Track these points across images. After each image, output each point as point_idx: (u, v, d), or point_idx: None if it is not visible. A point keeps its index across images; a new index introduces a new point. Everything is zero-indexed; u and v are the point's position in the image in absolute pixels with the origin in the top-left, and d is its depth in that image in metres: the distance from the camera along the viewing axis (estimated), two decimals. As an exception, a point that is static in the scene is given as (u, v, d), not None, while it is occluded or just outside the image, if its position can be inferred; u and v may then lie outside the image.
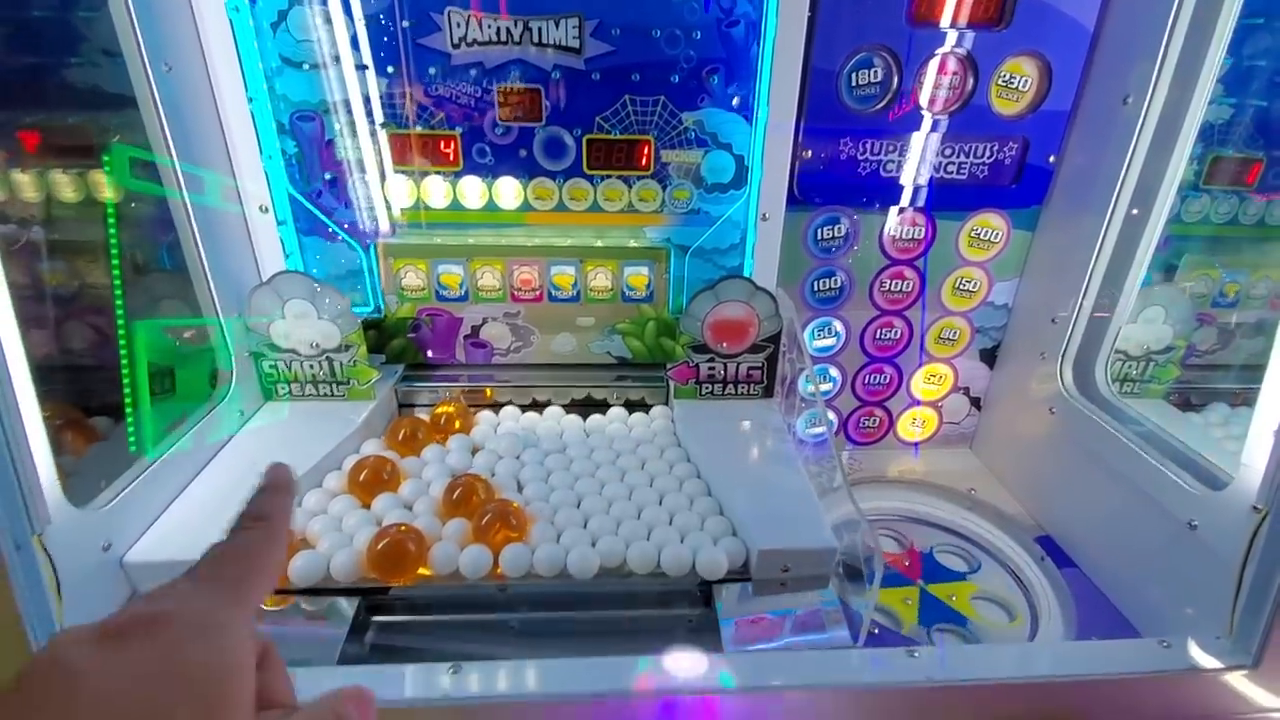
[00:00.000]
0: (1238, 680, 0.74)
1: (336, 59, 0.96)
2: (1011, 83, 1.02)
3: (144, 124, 0.86)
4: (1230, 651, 0.74)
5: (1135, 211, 0.99)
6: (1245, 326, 1.24)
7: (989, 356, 1.26)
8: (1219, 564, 0.77)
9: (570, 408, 1.14)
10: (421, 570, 0.80)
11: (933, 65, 1.01)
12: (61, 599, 0.62)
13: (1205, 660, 0.74)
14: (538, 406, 1.15)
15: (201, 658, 0.26)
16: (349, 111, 0.99)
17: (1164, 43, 0.91)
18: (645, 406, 1.16)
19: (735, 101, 1.01)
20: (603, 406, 1.15)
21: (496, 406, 1.14)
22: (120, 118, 0.87)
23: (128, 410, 0.84)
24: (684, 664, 0.71)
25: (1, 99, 0.86)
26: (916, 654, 0.73)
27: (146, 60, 0.82)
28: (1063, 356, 1.09)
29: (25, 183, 0.92)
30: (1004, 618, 0.98)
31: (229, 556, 0.31)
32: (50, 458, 0.65)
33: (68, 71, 0.88)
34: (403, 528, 0.80)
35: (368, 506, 0.88)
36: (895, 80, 1.01)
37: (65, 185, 0.93)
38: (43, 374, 0.65)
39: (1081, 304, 1.05)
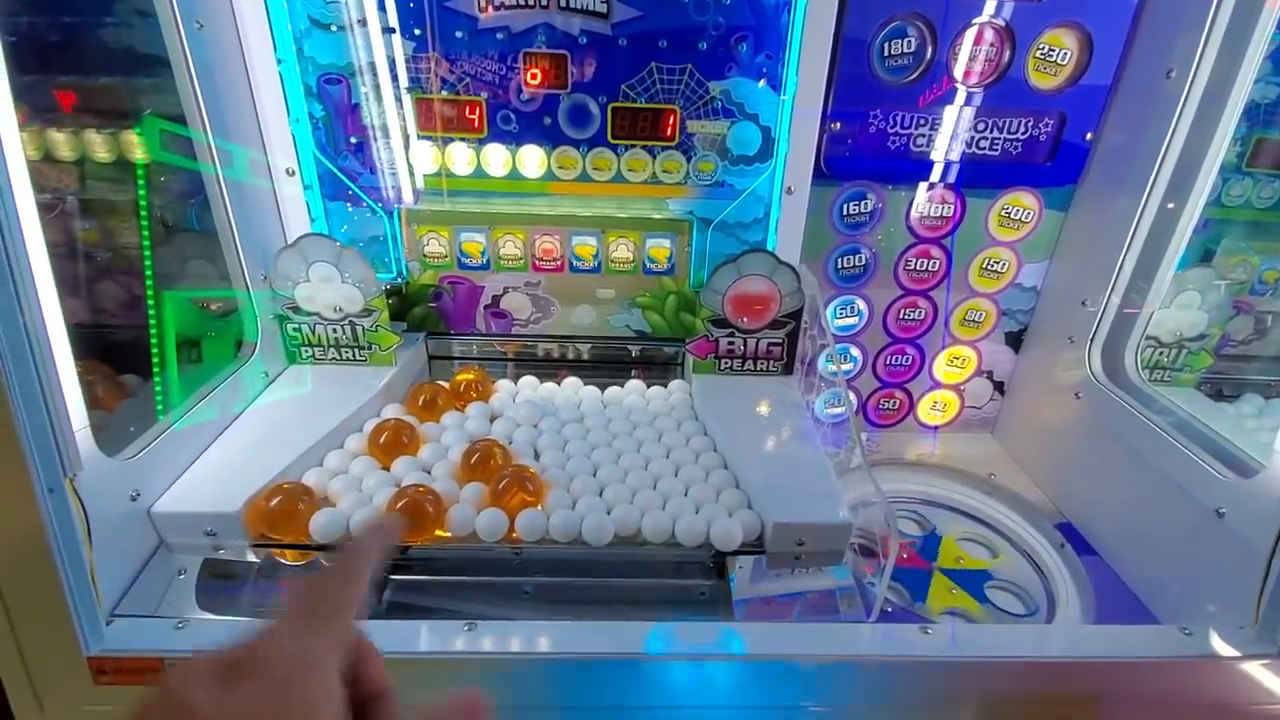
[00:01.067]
0: (1259, 670, 0.73)
1: (363, 21, 0.96)
2: (1050, 55, 0.99)
3: (175, 85, 0.87)
4: (1254, 641, 0.73)
5: (1173, 194, 0.96)
6: (1280, 316, 1.21)
7: (1014, 340, 1.24)
8: (1246, 552, 0.75)
9: (588, 379, 1.14)
10: (439, 531, 0.81)
11: (969, 35, 0.98)
12: (92, 544, 0.64)
13: (1227, 649, 0.73)
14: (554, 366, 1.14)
15: (305, 694, 0.29)
16: (375, 75, 0.99)
17: (1211, 14, 0.88)
18: (664, 380, 1.15)
19: (763, 71, 0.99)
20: (621, 378, 1.15)
21: (517, 372, 1.14)
22: (153, 78, 0.88)
23: (155, 374, 0.86)
24: (695, 630, 0.72)
25: (39, 59, 0.88)
26: (930, 630, 0.73)
27: (179, 17, 0.82)
28: (1091, 341, 1.06)
29: (61, 142, 0.94)
30: (1020, 607, 0.97)
31: (320, 595, 0.34)
32: (83, 407, 0.66)
33: (103, 32, 0.89)
34: (421, 489, 0.81)
35: (387, 468, 0.89)
36: (929, 51, 0.98)
37: (99, 145, 0.94)
38: (76, 330, 0.67)
39: (1114, 288, 1.03)
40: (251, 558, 0.80)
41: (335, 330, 1.04)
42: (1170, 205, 0.98)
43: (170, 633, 0.67)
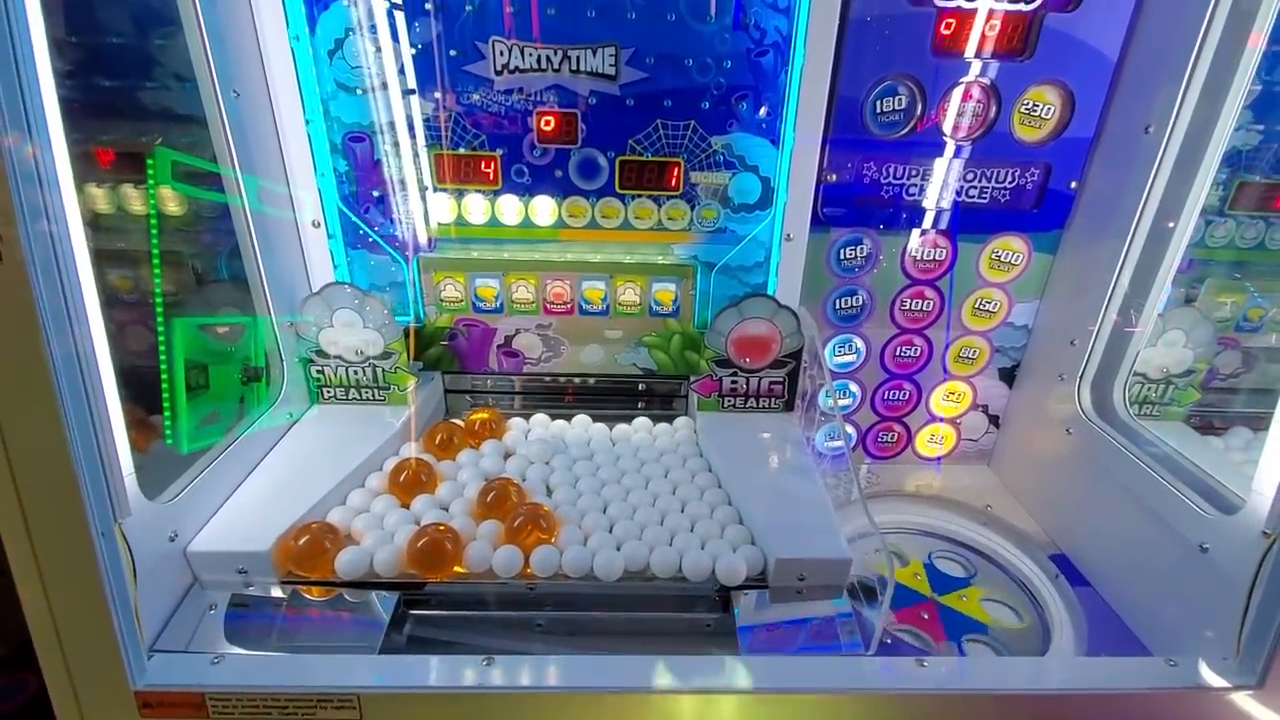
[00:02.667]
0: (1243, 700, 0.76)
1: (385, 85, 1.02)
2: (1035, 110, 1.05)
3: (211, 143, 0.93)
4: (1236, 672, 0.76)
5: (1155, 238, 1.01)
6: (1270, 351, 1.25)
7: (1008, 376, 1.28)
8: (1228, 586, 0.79)
9: (597, 416, 1.19)
10: (457, 568, 0.85)
11: (956, 93, 1.04)
12: (137, 583, 0.69)
13: (1211, 680, 0.77)
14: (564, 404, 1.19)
15: None
16: (395, 133, 1.05)
17: (1187, 73, 0.93)
18: (669, 417, 1.20)
19: (763, 127, 1.06)
20: (629, 415, 1.20)
21: (528, 408, 1.19)
22: (189, 136, 0.95)
23: (166, 411, 0.90)
24: (701, 665, 0.75)
25: (83, 118, 0.94)
26: (925, 663, 0.77)
27: (218, 86, 0.89)
28: (1081, 378, 1.11)
29: (100, 196, 1.00)
30: (1014, 618, 1.00)
31: None
32: (129, 453, 0.71)
33: (142, 94, 0.95)
34: (441, 528, 0.86)
35: (407, 506, 0.94)
36: (919, 107, 1.04)
37: (134, 199, 1.00)
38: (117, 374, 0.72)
39: (1100, 327, 1.07)
40: (278, 594, 0.84)
41: (356, 372, 1.09)
42: (1153, 248, 1.02)
43: (207, 668, 0.71)
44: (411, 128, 1.05)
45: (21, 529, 0.61)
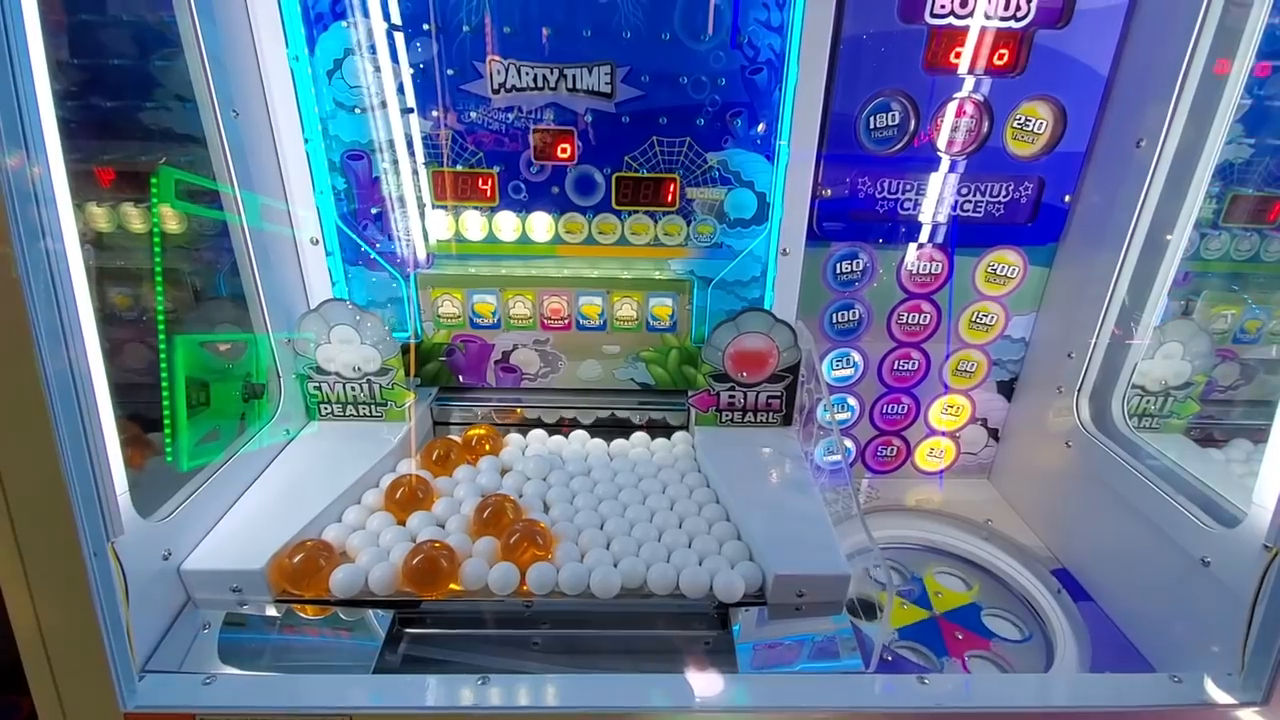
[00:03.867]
0: (1249, 717, 0.75)
1: (384, 103, 1.03)
2: (1027, 125, 1.06)
3: (210, 162, 0.94)
4: (1241, 688, 0.75)
5: (1149, 251, 1.02)
6: (1269, 363, 1.25)
7: (1006, 389, 1.28)
8: (1231, 601, 0.78)
9: (595, 431, 1.19)
10: (453, 585, 0.84)
11: (950, 109, 1.05)
12: (129, 603, 0.68)
13: (1216, 696, 0.76)
14: (564, 425, 1.19)
15: None
16: (394, 151, 1.06)
17: (1177, 88, 0.94)
18: (667, 431, 1.20)
19: (758, 143, 1.06)
20: (626, 430, 1.20)
21: (525, 429, 1.19)
22: (188, 155, 0.95)
23: (166, 429, 0.90)
24: (700, 684, 0.74)
25: (83, 138, 0.95)
26: (927, 681, 0.76)
27: (217, 107, 0.90)
28: (1079, 391, 1.10)
29: (100, 215, 1.01)
30: (1016, 632, 0.99)
31: None
32: (123, 472, 0.71)
33: (142, 114, 0.96)
34: (436, 544, 0.85)
35: (403, 523, 0.93)
36: (912, 123, 1.05)
37: (134, 217, 1.01)
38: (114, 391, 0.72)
39: (1097, 340, 1.07)
40: (272, 612, 0.83)
41: (353, 388, 1.09)
42: (1148, 260, 1.03)
43: (198, 689, 0.70)
44: (410, 146, 1.06)
45: (12, 548, 0.61)
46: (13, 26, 0.55)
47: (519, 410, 1.21)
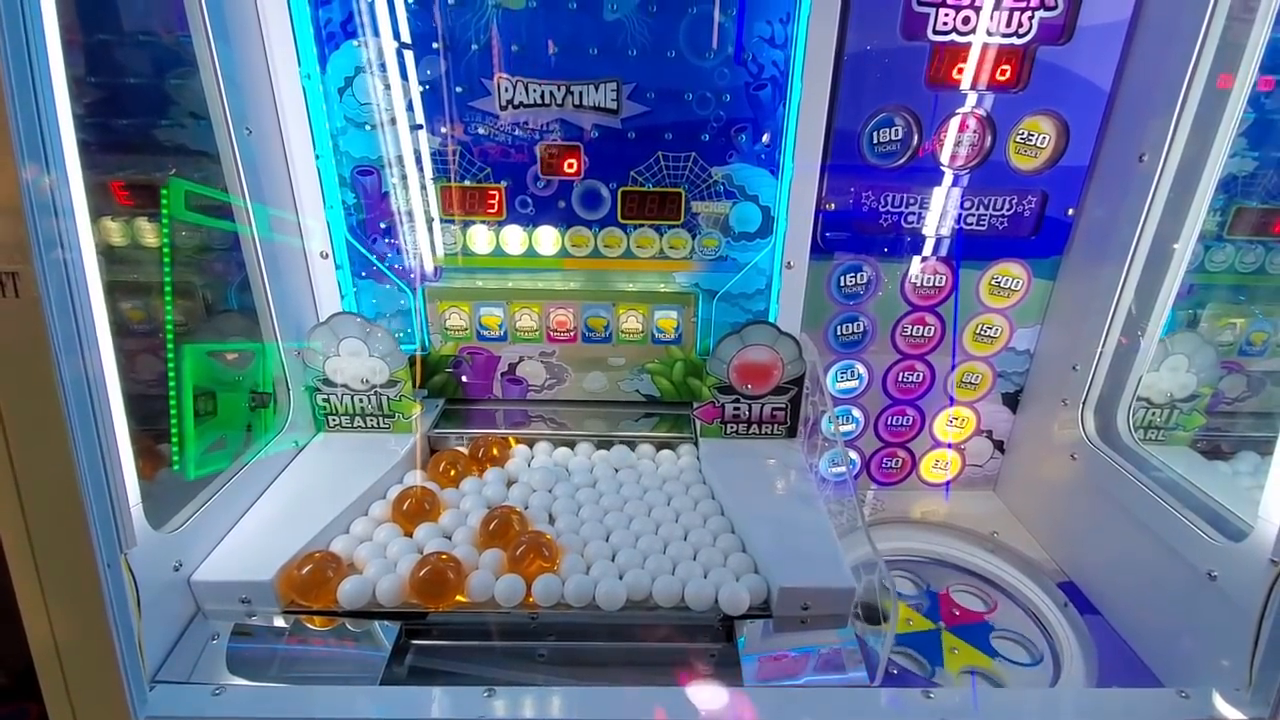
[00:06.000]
0: (1257, 733, 0.74)
1: (394, 120, 1.05)
2: (1030, 140, 1.06)
3: (223, 177, 0.96)
4: (1249, 703, 0.75)
5: (1153, 264, 1.02)
6: (1275, 375, 1.24)
7: (1011, 401, 1.28)
8: (1239, 615, 0.78)
9: (600, 443, 1.19)
10: (459, 597, 0.85)
11: (953, 124, 1.05)
12: (140, 614, 0.69)
13: (1225, 712, 0.75)
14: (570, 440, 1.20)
15: None
16: (403, 166, 1.08)
17: (1179, 102, 0.95)
18: (672, 444, 1.20)
19: (761, 158, 1.08)
20: (632, 442, 1.20)
21: (531, 441, 1.20)
22: (202, 171, 0.97)
23: (174, 437, 0.91)
24: (705, 696, 0.75)
25: (100, 153, 0.96)
26: (932, 695, 0.76)
27: (231, 124, 0.91)
28: (1084, 403, 1.10)
29: (115, 229, 1.02)
30: (1025, 655, 0.99)
31: None
32: (136, 483, 0.72)
33: (157, 131, 0.98)
34: (443, 556, 0.86)
35: (410, 535, 0.94)
36: (915, 138, 1.06)
37: (148, 232, 1.02)
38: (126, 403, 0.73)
39: (1102, 352, 1.07)
40: (280, 623, 0.84)
41: (362, 400, 1.10)
42: (1151, 273, 1.03)
43: (208, 699, 0.71)
44: (419, 161, 1.08)
45: (29, 559, 0.62)
46: (34, 46, 0.56)
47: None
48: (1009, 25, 0.99)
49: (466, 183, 1.09)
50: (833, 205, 1.10)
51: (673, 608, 0.85)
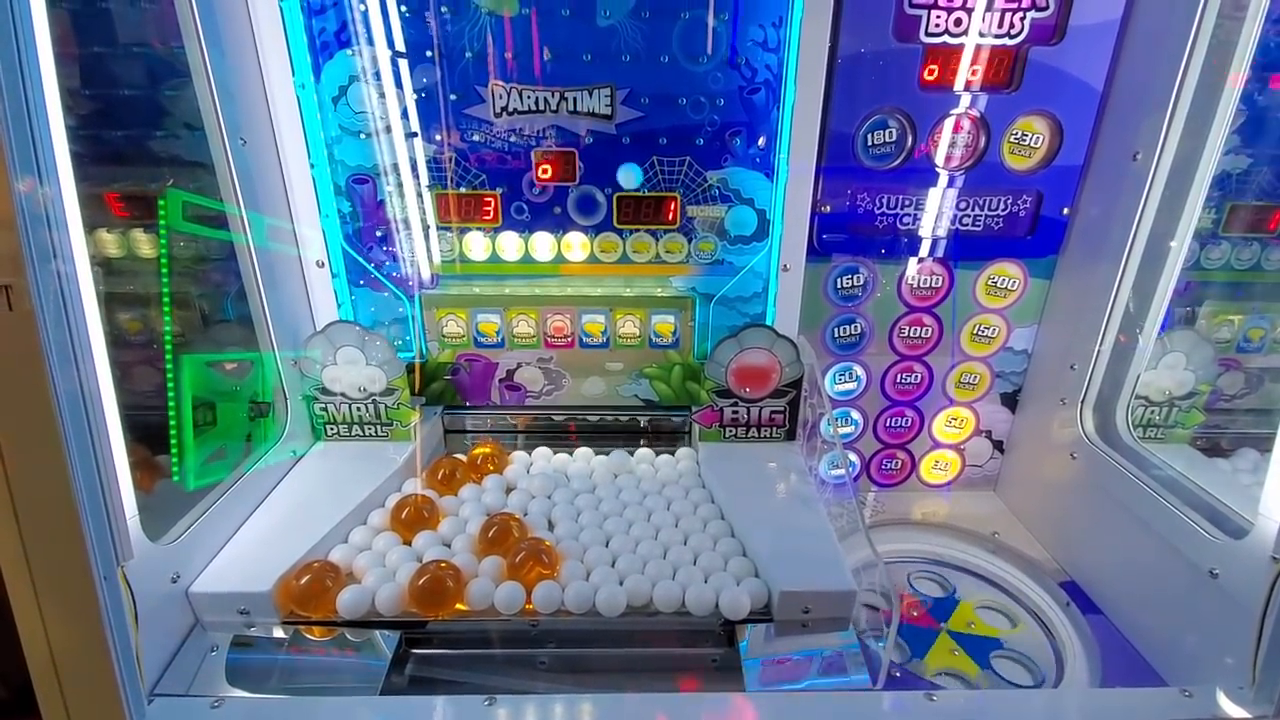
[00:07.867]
0: (1261, 731, 0.74)
1: (389, 128, 1.05)
2: (1024, 140, 1.07)
3: (218, 188, 0.96)
4: (1253, 701, 0.75)
5: (1149, 262, 1.02)
6: (1274, 371, 1.24)
7: (1010, 400, 1.28)
8: (1240, 613, 0.77)
9: (599, 447, 1.19)
10: (459, 605, 0.84)
11: (947, 125, 1.06)
12: (138, 627, 0.69)
13: (1229, 710, 0.75)
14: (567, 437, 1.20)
15: None
16: (399, 174, 1.08)
17: (1172, 101, 0.95)
18: (671, 447, 1.20)
19: (756, 161, 1.08)
20: (631, 445, 1.20)
21: (529, 446, 1.20)
22: (197, 181, 0.97)
23: (173, 448, 0.91)
24: (707, 702, 0.74)
25: (94, 164, 0.96)
26: (935, 697, 0.75)
27: (225, 135, 0.91)
28: (1083, 402, 1.10)
29: (110, 240, 1.02)
30: (1026, 677, 0.97)
31: None
32: (133, 496, 0.72)
33: (152, 142, 0.98)
34: (442, 564, 0.85)
35: (409, 543, 0.93)
36: (910, 139, 1.06)
37: (144, 242, 1.02)
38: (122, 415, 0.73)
39: (1099, 351, 1.07)
40: (279, 634, 0.83)
41: (359, 409, 1.10)
42: (1147, 271, 1.03)
43: (207, 712, 0.71)
44: (414, 169, 1.08)
45: (25, 573, 0.61)
46: (27, 57, 0.56)
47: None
48: (1001, 26, 1.00)
49: (462, 190, 1.09)
50: (828, 208, 1.10)
51: (673, 613, 0.85)
